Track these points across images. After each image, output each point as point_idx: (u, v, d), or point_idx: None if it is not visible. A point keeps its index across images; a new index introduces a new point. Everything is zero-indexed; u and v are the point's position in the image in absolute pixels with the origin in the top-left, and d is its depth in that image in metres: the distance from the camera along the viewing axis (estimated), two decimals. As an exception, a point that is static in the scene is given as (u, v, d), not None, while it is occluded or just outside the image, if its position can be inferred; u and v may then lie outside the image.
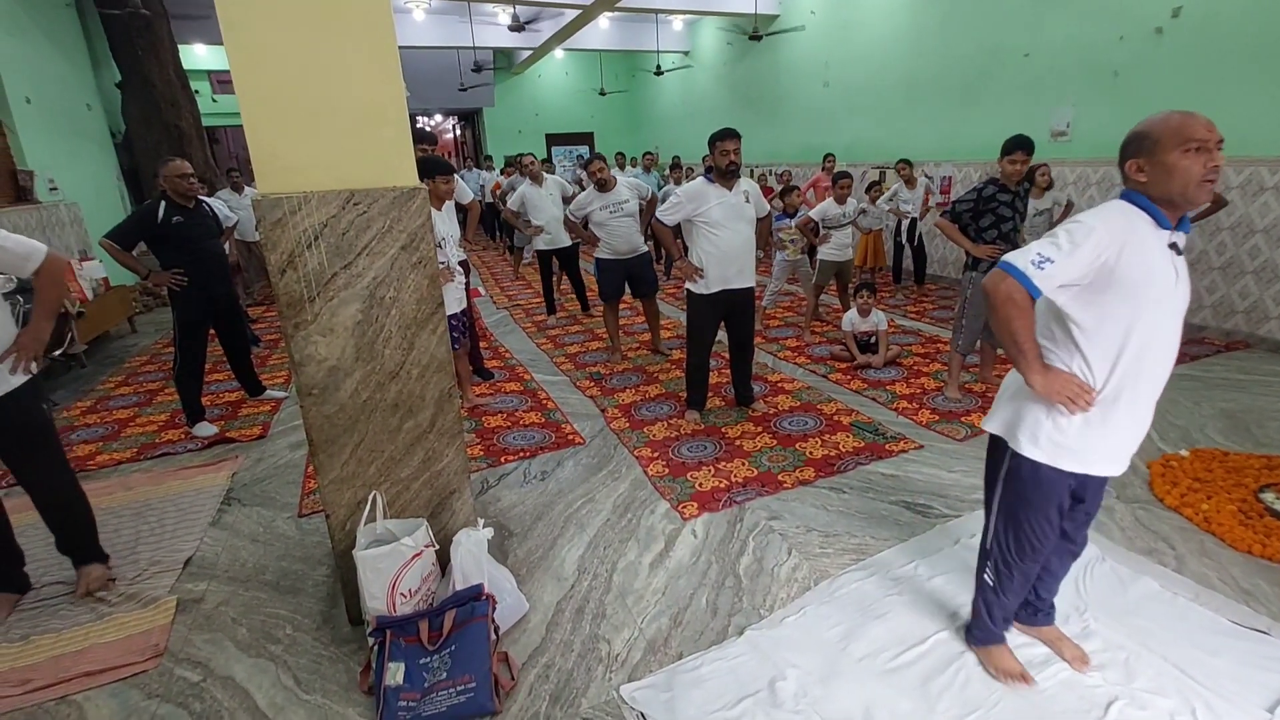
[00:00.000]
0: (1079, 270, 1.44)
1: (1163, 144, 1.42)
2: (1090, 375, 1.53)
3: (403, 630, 1.85)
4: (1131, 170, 1.49)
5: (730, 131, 3.24)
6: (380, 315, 1.91)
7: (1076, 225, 1.46)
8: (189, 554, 2.59)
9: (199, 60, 10.81)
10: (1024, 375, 1.56)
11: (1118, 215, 1.47)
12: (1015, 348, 1.52)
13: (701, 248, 3.37)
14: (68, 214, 6.44)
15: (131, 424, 3.98)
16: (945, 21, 6.99)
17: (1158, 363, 1.52)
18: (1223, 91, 4.76)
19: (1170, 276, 1.47)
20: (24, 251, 2.08)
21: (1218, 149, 1.41)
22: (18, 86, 6.06)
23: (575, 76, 14.81)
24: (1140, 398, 1.55)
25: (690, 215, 3.36)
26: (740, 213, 3.35)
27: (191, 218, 3.58)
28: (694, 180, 3.43)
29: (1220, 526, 2.47)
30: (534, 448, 3.43)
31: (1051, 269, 1.44)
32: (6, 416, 2.11)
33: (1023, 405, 1.63)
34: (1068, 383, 1.51)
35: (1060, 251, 1.43)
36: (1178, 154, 1.40)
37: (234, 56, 1.68)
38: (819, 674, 1.88)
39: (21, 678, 1.96)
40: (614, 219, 4.56)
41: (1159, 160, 1.43)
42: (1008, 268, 1.48)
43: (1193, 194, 1.42)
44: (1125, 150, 1.51)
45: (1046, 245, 1.45)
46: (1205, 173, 1.40)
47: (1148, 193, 1.47)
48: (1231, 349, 4.62)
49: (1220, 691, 1.76)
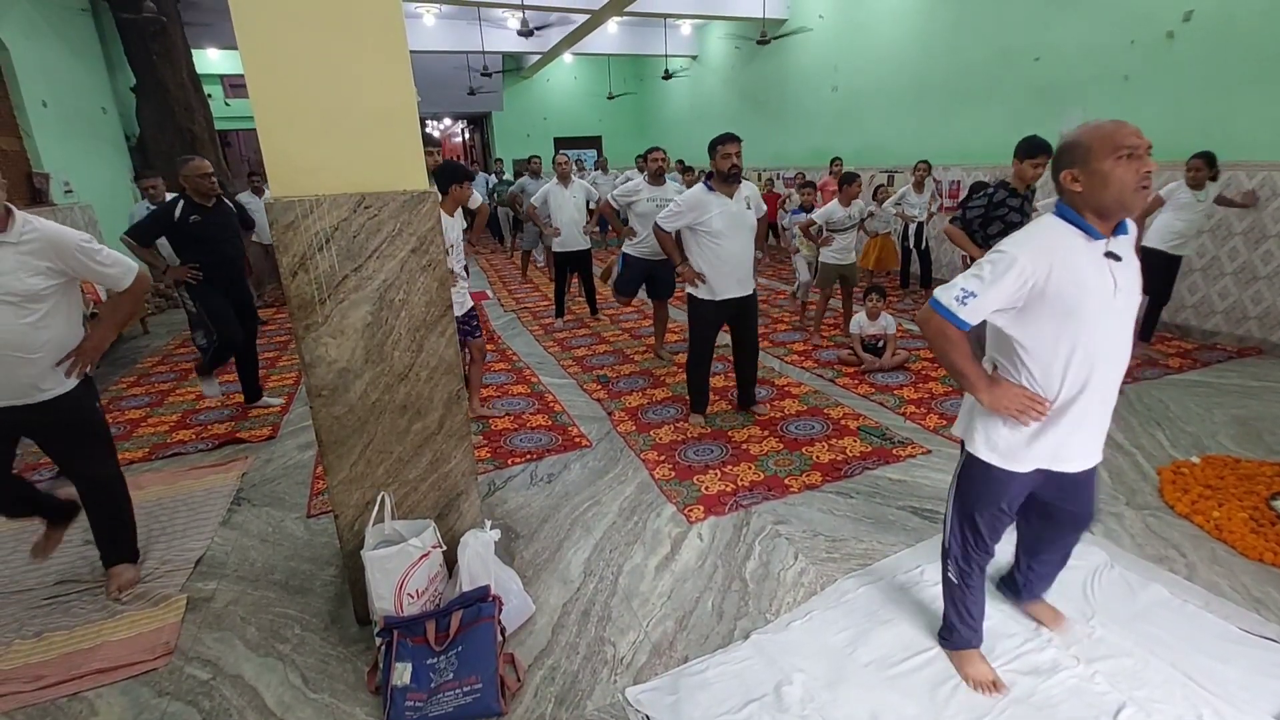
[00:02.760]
0: (1002, 299, 1.49)
1: (1095, 152, 1.44)
2: (1038, 387, 1.57)
3: (410, 631, 1.86)
4: (1066, 180, 1.51)
5: (731, 135, 3.21)
6: (390, 317, 1.93)
7: (1000, 255, 1.49)
8: (199, 553, 2.61)
9: (212, 65, 10.93)
10: (973, 395, 1.63)
11: (1044, 237, 1.50)
12: (957, 374, 1.60)
13: (702, 256, 3.35)
14: (82, 216, 6.52)
15: (143, 424, 4.02)
16: (955, 25, 6.98)
17: (1106, 369, 1.56)
18: (1234, 96, 4.73)
19: (1108, 287, 1.49)
20: (119, 271, 2.19)
21: (1148, 154, 1.42)
22: (35, 91, 6.15)
23: (584, 80, 14.87)
24: (1092, 403, 1.59)
25: (691, 224, 3.32)
26: (742, 221, 3.33)
27: (210, 217, 3.62)
28: (694, 188, 3.39)
29: (1232, 534, 2.45)
30: (541, 450, 3.44)
31: (975, 303, 1.50)
32: (63, 414, 2.19)
33: (978, 409, 1.69)
34: (1016, 396, 1.57)
35: (983, 284, 1.48)
36: (1110, 161, 1.42)
37: (248, 61, 1.70)
38: (825, 679, 1.88)
39: (34, 674, 1.99)
40: (658, 214, 4.54)
41: (1093, 169, 1.45)
42: (935, 305, 1.55)
43: (1128, 200, 1.44)
44: (1058, 161, 1.54)
45: (970, 279, 1.51)
46: (1139, 179, 1.42)
47: (1083, 202, 1.49)
48: (1244, 355, 4.58)
49: (1229, 699, 1.74)
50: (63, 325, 2.14)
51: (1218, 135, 4.82)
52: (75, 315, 2.20)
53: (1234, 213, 4.70)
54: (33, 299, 2.02)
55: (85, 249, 2.09)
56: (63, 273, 2.07)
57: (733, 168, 3.21)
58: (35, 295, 2.01)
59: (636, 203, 4.56)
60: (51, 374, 2.13)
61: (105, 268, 2.15)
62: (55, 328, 2.10)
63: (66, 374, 2.16)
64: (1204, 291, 5.02)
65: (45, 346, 2.08)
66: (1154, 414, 3.60)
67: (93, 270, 2.12)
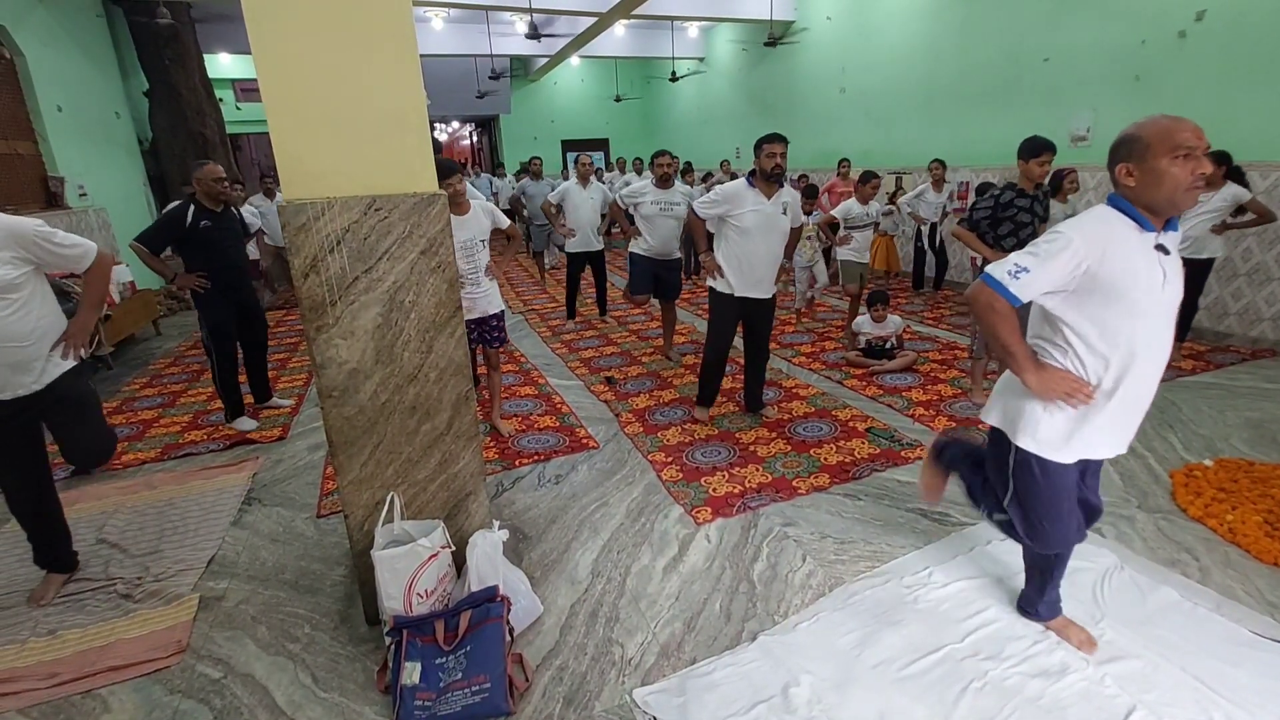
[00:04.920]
0: (1056, 278, 1.50)
1: (1153, 149, 1.44)
2: (1084, 372, 1.57)
3: (419, 630, 1.87)
4: (1121, 174, 1.51)
5: (777, 135, 3.19)
6: (400, 319, 1.94)
7: (1056, 235, 1.50)
8: (211, 553, 2.64)
9: (223, 69, 11.03)
10: (1019, 375, 1.61)
11: (1097, 223, 1.51)
12: (1005, 351, 1.60)
13: (727, 250, 3.36)
14: (96, 219, 6.60)
15: (156, 424, 4.06)
16: (963, 26, 6.96)
17: (1149, 360, 1.57)
18: (1247, 96, 4.69)
19: (1158, 278, 1.50)
20: (79, 252, 2.29)
21: (1205, 155, 1.42)
22: (50, 95, 6.23)
23: (591, 83, 14.92)
24: (1133, 393, 1.59)
25: (724, 215, 3.32)
26: (774, 224, 3.31)
27: (219, 222, 3.64)
28: (735, 181, 3.39)
29: (1245, 538, 2.42)
30: (549, 451, 3.45)
31: (1027, 278, 1.50)
32: (62, 390, 2.31)
33: (1019, 399, 1.67)
34: (1063, 380, 1.57)
35: (1037, 260, 1.49)
36: (1167, 160, 1.42)
37: (262, 66, 1.72)
38: (833, 680, 1.87)
39: (49, 671, 2.01)
40: (661, 216, 4.56)
41: (1148, 165, 1.45)
42: (987, 278, 1.56)
43: (1179, 200, 1.44)
44: (1115, 153, 1.54)
45: (1025, 256, 1.52)
46: (1192, 179, 1.42)
47: (1135, 196, 1.50)
48: (1258, 357, 4.53)
49: (1240, 702, 1.73)
50: (45, 313, 2.25)
51: (1230, 135, 4.77)
52: (52, 304, 2.31)
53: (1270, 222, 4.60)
54: (8, 289, 2.11)
55: (41, 233, 2.18)
56: (28, 261, 2.17)
57: (776, 167, 3.19)
58: (10, 285, 2.11)
59: (641, 204, 4.58)
60: (48, 362, 2.25)
61: (65, 249, 2.24)
62: (38, 316, 2.21)
63: (63, 356, 2.29)
64: (1217, 293, 4.97)
65: (33, 335, 2.18)
66: (1166, 416, 3.57)
67: (54, 254, 2.22)
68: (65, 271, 2.37)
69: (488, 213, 3.45)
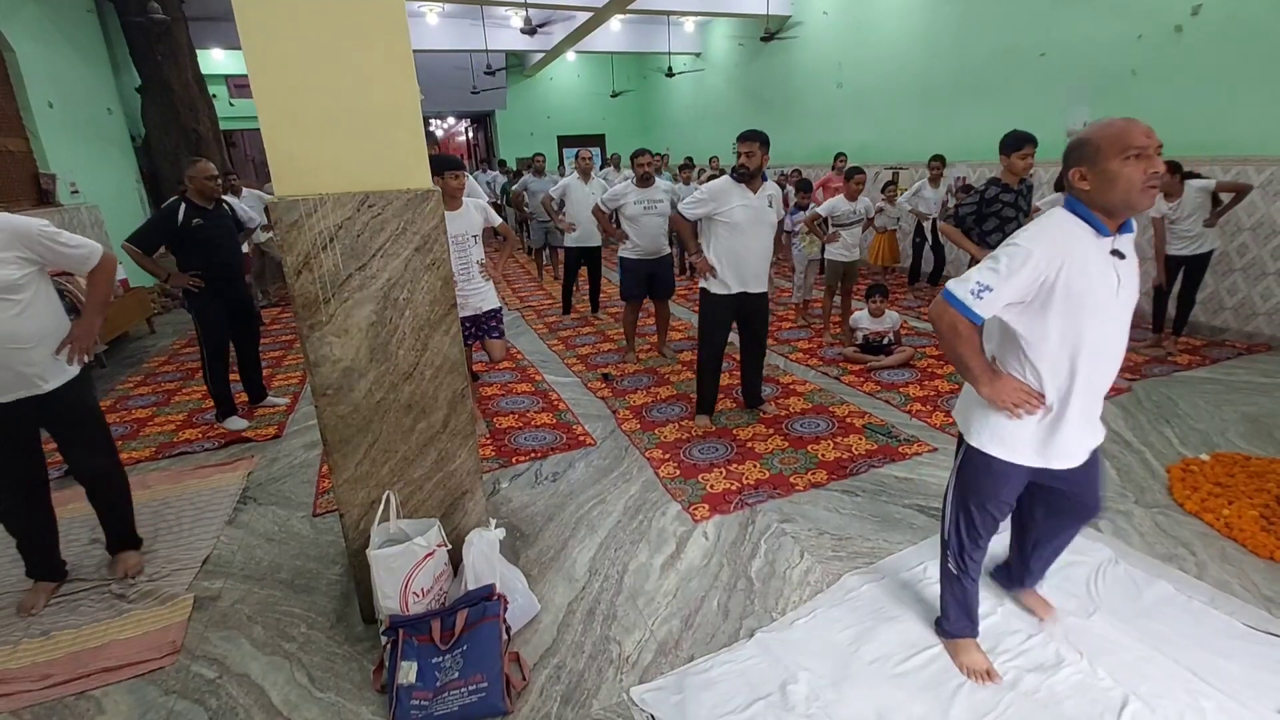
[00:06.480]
0: (1017, 293, 1.50)
1: (1103, 152, 1.43)
2: (1039, 382, 1.59)
3: (415, 629, 1.86)
4: (1075, 179, 1.51)
5: (748, 134, 3.20)
6: (394, 316, 1.93)
7: (1015, 249, 1.49)
8: (206, 552, 2.62)
9: (216, 65, 10.96)
10: (975, 388, 1.64)
11: (1055, 232, 1.50)
12: (962, 367, 1.61)
13: (718, 247, 3.35)
14: (88, 216, 6.54)
15: (150, 423, 4.03)
16: (960, 21, 6.94)
17: (1104, 366, 1.59)
18: (1244, 91, 4.69)
19: (1112, 284, 1.50)
20: (84, 252, 2.25)
21: (1158, 154, 1.42)
22: (40, 91, 6.18)
23: (587, 78, 14.87)
24: (1088, 399, 1.61)
25: (712, 213, 3.31)
26: (762, 217, 3.32)
27: (211, 219, 3.61)
28: (720, 178, 3.39)
29: (1242, 532, 2.43)
30: (545, 449, 3.44)
31: (990, 296, 1.50)
32: (64, 402, 2.26)
33: (975, 405, 1.70)
34: (1015, 390, 1.59)
35: (998, 278, 1.49)
36: (1118, 161, 1.42)
37: (252, 61, 1.70)
38: (830, 677, 1.87)
39: (42, 673, 2.00)
40: (646, 215, 4.51)
41: (1100, 168, 1.45)
42: (950, 298, 1.54)
43: (1134, 200, 1.44)
44: (1068, 158, 1.53)
45: (985, 272, 1.51)
46: (1146, 179, 1.41)
47: (1090, 200, 1.49)
48: (1253, 351, 4.54)
49: (1233, 694, 1.74)
50: (48, 314, 2.21)
51: (1226, 130, 4.78)
52: (56, 305, 2.28)
53: (1243, 208, 4.63)
54: (12, 289, 2.08)
55: (46, 233, 2.15)
56: (33, 261, 2.14)
57: (741, 166, 3.21)
58: (14, 286, 2.08)
59: (624, 206, 4.52)
60: (52, 365, 2.21)
61: (71, 249, 2.21)
62: (41, 317, 2.18)
63: (68, 360, 2.24)
64: (1213, 288, 4.98)
65: (35, 336, 2.15)
66: (1163, 411, 3.57)
67: (59, 253, 2.19)
68: (61, 271, 2.32)
69: (480, 209, 3.43)
